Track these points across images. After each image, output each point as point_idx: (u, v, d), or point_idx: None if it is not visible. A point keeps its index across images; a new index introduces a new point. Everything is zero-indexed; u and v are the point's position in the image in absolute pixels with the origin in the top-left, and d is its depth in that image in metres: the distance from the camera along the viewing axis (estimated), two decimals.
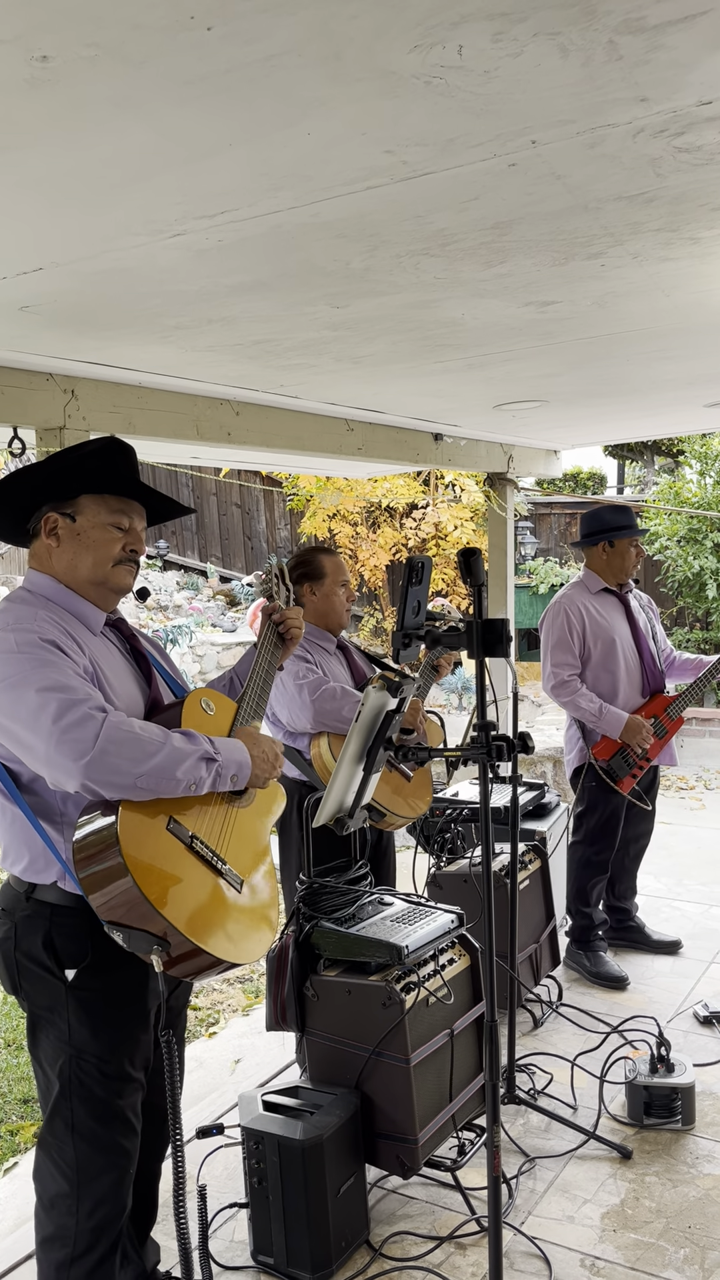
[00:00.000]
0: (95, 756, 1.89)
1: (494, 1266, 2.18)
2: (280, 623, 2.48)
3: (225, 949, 2.00)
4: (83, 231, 1.92)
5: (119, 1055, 2.12)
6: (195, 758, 2.01)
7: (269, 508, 13.90)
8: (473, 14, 1.22)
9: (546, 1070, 3.47)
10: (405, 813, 3.42)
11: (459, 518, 10.95)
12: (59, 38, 1.23)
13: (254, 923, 2.13)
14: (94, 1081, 2.10)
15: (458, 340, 3.01)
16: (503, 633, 2.15)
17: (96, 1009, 2.09)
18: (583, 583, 4.31)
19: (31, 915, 2.09)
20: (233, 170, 1.66)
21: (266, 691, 2.39)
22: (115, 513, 2.19)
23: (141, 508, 2.26)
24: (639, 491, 14.97)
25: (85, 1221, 2.12)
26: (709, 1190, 2.85)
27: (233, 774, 2.10)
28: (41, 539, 2.19)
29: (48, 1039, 2.13)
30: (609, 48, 1.32)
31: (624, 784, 4.16)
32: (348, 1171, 2.61)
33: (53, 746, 1.90)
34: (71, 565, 2.17)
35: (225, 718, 2.28)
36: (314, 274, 2.26)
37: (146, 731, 1.97)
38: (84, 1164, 2.11)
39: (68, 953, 2.07)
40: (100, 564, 2.17)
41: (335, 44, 1.28)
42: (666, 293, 2.58)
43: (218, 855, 2.09)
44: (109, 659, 2.19)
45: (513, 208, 1.90)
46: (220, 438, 3.75)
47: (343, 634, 3.74)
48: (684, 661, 4.42)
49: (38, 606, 2.11)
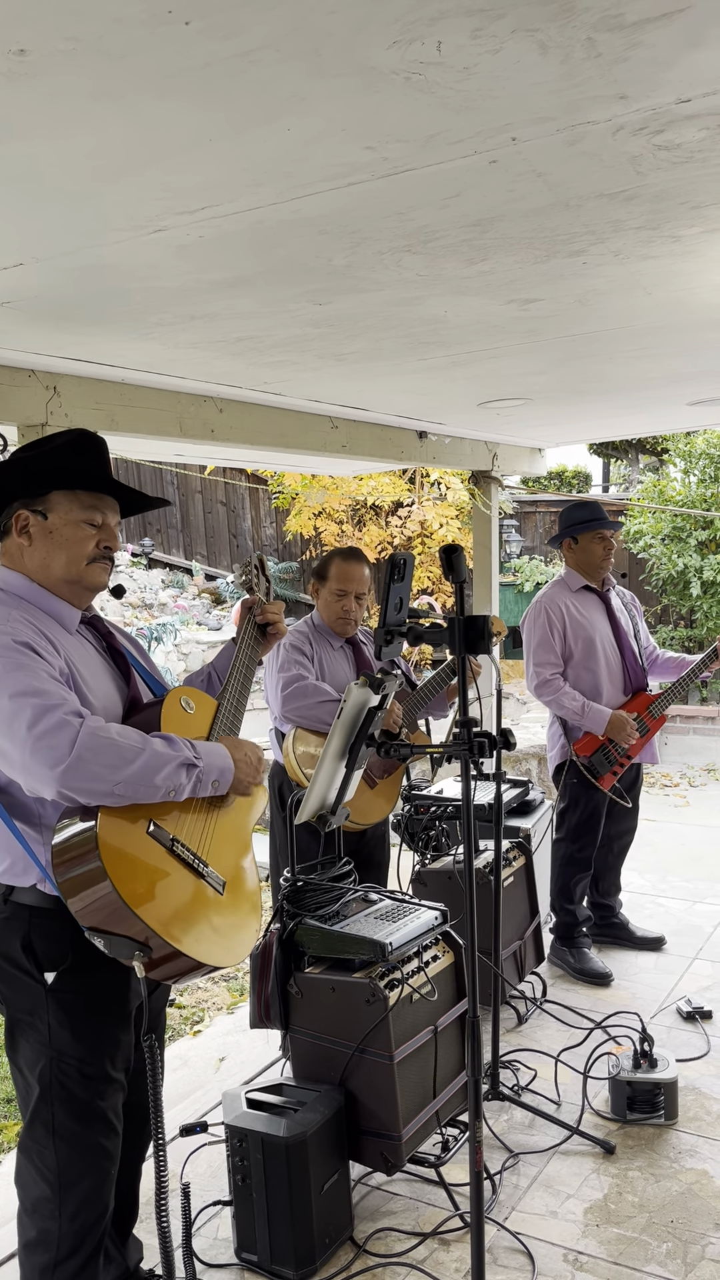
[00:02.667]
0: (71, 764, 1.85)
1: (477, 1262, 2.18)
2: (259, 615, 2.46)
3: (207, 953, 1.99)
4: (63, 226, 1.91)
5: (100, 1057, 2.11)
6: (175, 764, 1.98)
7: (254, 506, 13.88)
8: (451, 10, 1.22)
9: (530, 1066, 3.48)
10: (357, 819, 3.43)
11: (444, 516, 10.96)
12: (37, 31, 1.22)
13: (236, 925, 2.12)
14: (75, 1084, 2.08)
15: (441, 338, 3.01)
16: (485, 629, 2.15)
17: (77, 1011, 2.07)
18: (563, 581, 4.33)
19: (10, 918, 2.07)
20: (213, 166, 1.65)
21: (247, 687, 2.38)
22: (88, 509, 2.14)
23: (115, 502, 2.22)
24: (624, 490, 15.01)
25: (68, 1225, 2.11)
26: (691, 1185, 2.86)
27: (214, 779, 2.08)
28: (13, 537, 2.14)
29: (27, 1042, 2.10)
30: (588, 45, 1.32)
31: (605, 781, 4.17)
32: (331, 1168, 2.61)
33: (28, 753, 1.87)
34: (44, 564, 2.13)
35: (206, 716, 2.26)
36: (296, 270, 2.25)
37: (125, 737, 1.93)
38: (65, 1167, 2.10)
39: (47, 956, 2.05)
40: (74, 562, 2.13)
41: (314, 39, 1.27)
42: (648, 291, 2.58)
43: (199, 858, 2.07)
44: (85, 658, 2.16)
45: (494, 205, 1.90)
46: (204, 435, 3.74)
47: (362, 629, 3.75)
48: (667, 660, 4.44)
49: (10, 606, 2.07)
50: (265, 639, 2.48)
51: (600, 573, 4.29)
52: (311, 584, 3.69)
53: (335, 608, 3.60)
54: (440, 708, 3.79)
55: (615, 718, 4.08)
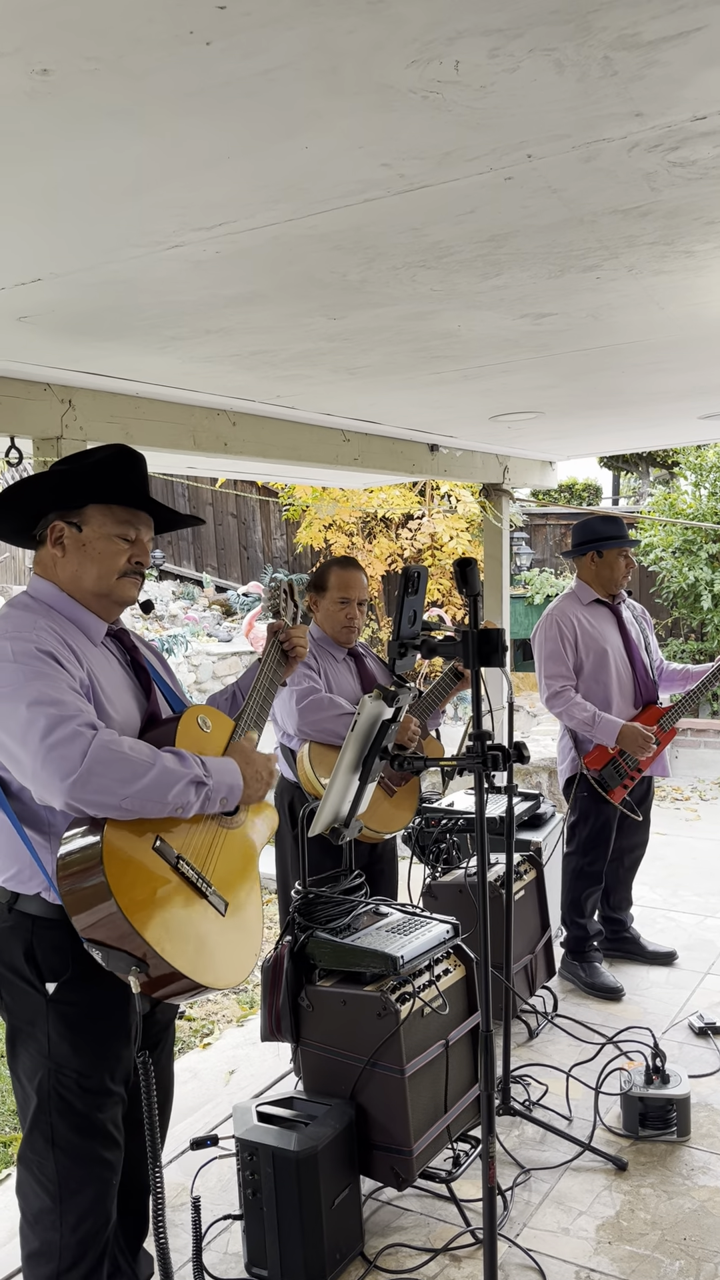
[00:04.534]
0: (81, 775, 1.86)
1: (489, 1279, 2.17)
2: (285, 640, 2.47)
3: (205, 974, 1.98)
4: (82, 243, 1.93)
5: (99, 1070, 2.10)
6: (185, 781, 1.98)
7: (265, 518, 13.91)
8: (469, 30, 1.23)
9: (542, 1081, 3.47)
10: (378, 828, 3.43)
11: (455, 528, 10.96)
12: (60, 51, 1.24)
13: (236, 947, 2.11)
14: (74, 1096, 2.08)
15: (454, 352, 3.02)
16: (498, 642, 2.16)
17: (77, 1023, 2.07)
18: (574, 594, 4.33)
19: (13, 927, 2.07)
20: (231, 182, 1.67)
21: (266, 708, 2.38)
22: (122, 523, 2.16)
23: (149, 518, 2.23)
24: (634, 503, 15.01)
25: (70, 1235, 2.10)
26: (704, 1202, 2.84)
27: (223, 796, 2.08)
28: (47, 547, 2.16)
29: (27, 1052, 2.10)
30: (604, 63, 1.33)
31: (615, 794, 4.16)
32: (342, 1183, 2.60)
33: (40, 763, 1.88)
34: (76, 575, 2.15)
35: (222, 735, 2.26)
36: (311, 285, 2.27)
37: (136, 751, 1.94)
38: (65, 1178, 2.09)
39: (49, 966, 2.05)
40: (105, 576, 2.15)
41: (333, 59, 1.29)
42: (661, 305, 2.59)
43: (203, 877, 2.07)
44: (107, 670, 2.17)
45: (509, 220, 1.91)
46: (217, 448, 3.76)
47: (360, 643, 3.74)
48: (671, 672, 4.43)
49: (38, 614, 2.09)
50: (288, 663, 2.49)
51: (618, 587, 4.30)
52: (309, 597, 3.63)
53: (338, 616, 3.58)
54: (435, 718, 3.79)
55: (627, 729, 4.07)
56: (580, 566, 4.34)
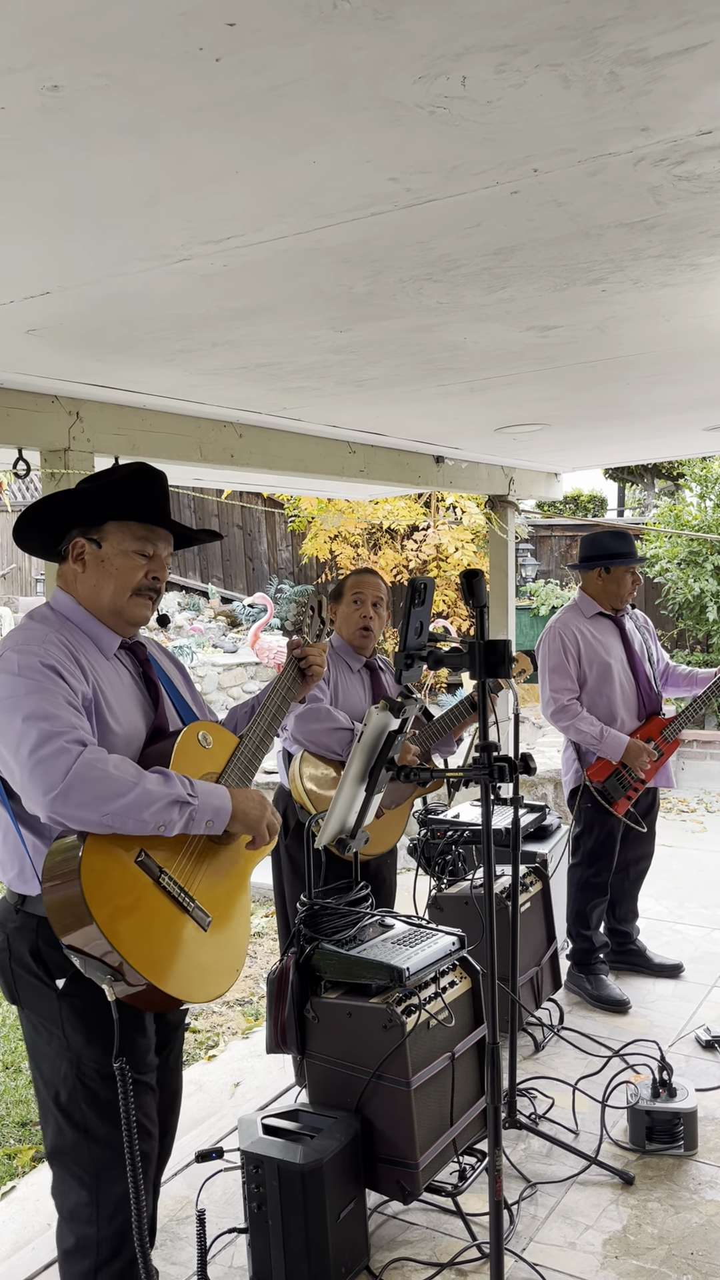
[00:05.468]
0: (62, 791, 1.91)
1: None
2: (301, 658, 2.49)
3: (182, 988, 2.01)
4: (90, 256, 1.94)
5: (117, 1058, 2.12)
6: (165, 801, 2.00)
7: (270, 529, 13.94)
8: (476, 46, 1.24)
9: (548, 1094, 3.45)
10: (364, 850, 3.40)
11: (460, 539, 10.98)
12: (70, 67, 1.25)
13: (217, 962, 2.13)
14: (98, 1085, 2.11)
15: (459, 364, 3.03)
16: (504, 654, 2.16)
17: (89, 1015, 2.09)
18: (577, 606, 4.33)
19: (21, 926, 2.12)
20: (239, 196, 1.68)
21: (274, 727, 2.39)
22: (140, 539, 2.22)
23: (168, 534, 2.29)
24: (639, 514, 15.02)
25: (106, 1227, 2.11)
26: (712, 1216, 2.83)
27: (208, 819, 2.09)
28: (69, 562, 2.24)
29: (49, 1047, 2.14)
30: (610, 79, 1.34)
31: (619, 805, 4.15)
32: (348, 1196, 2.59)
33: (27, 775, 1.94)
34: (95, 591, 2.21)
35: (223, 753, 2.27)
36: (318, 298, 2.28)
37: (120, 770, 1.98)
38: (101, 1167, 2.11)
39: (55, 963, 2.09)
40: (120, 592, 2.21)
41: (341, 74, 1.30)
42: (667, 318, 2.60)
43: (186, 892, 2.09)
44: (116, 683, 2.21)
45: (515, 234, 1.93)
46: (223, 460, 3.77)
47: (379, 658, 3.75)
48: (678, 675, 4.43)
49: (52, 627, 2.15)
50: (304, 680, 2.50)
51: (623, 604, 4.30)
52: (329, 607, 3.68)
53: (354, 617, 3.60)
54: (448, 745, 3.78)
55: (632, 745, 4.06)
56: (586, 580, 4.34)
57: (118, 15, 1.14)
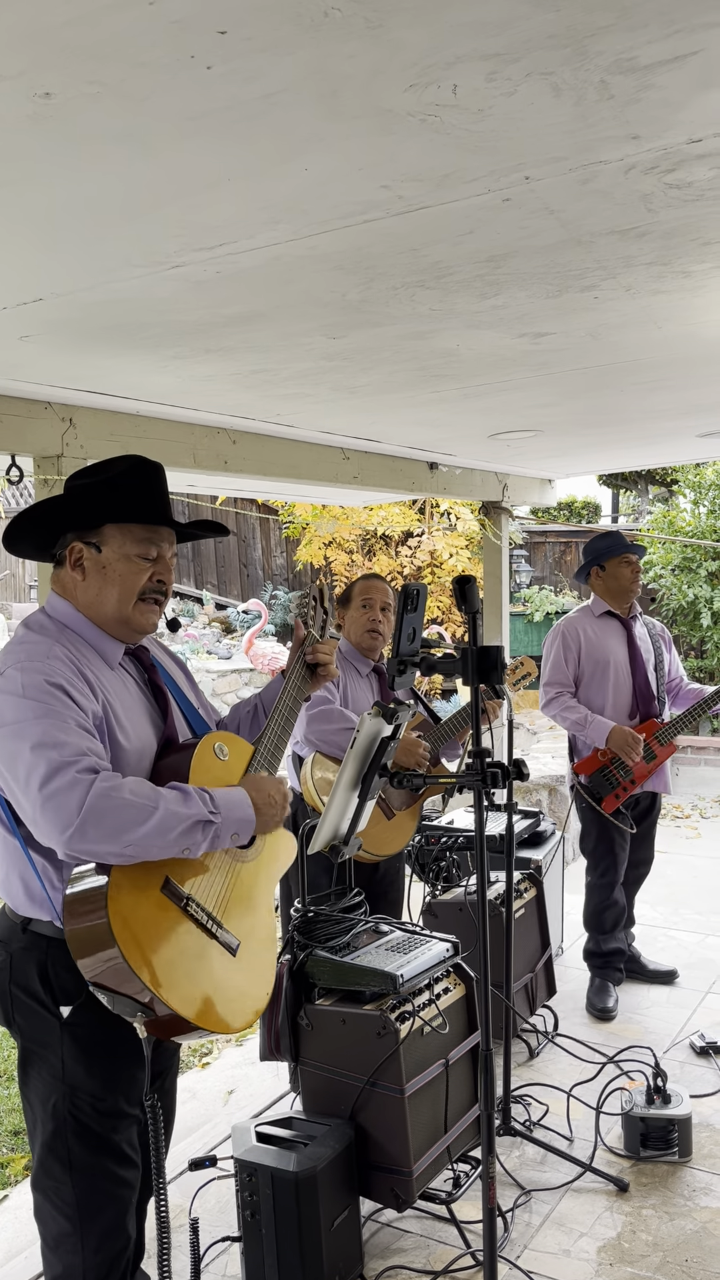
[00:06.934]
0: (78, 828, 1.80)
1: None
2: (310, 654, 2.37)
3: (211, 1019, 1.93)
4: (83, 263, 1.94)
5: (114, 1093, 2.06)
6: (189, 823, 1.90)
7: (265, 535, 13.93)
8: (467, 54, 1.25)
9: (542, 1101, 3.45)
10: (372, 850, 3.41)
11: (454, 546, 10.98)
12: (62, 75, 1.25)
13: (245, 990, 2.05)
14: (89, 1119, 2.04)
15: (453, 371, 3.03)
16: (498, 660, 2.16)
17: (91, 1047, 2.03)
18: (588, 607, 4.42)
19: (27, 947, 2.03)
20: (231, 204, 1.68)
21: (288, 729, 2.29)
22: (141, 542, 2.08)
23: (170, 532, 2.14)
24: (633, 520, 15.04)
25: (92, 1257, 2.06)
26: (706, 1223, 2.82)
27: (233, 832, 2.00)
28: (67, 569, 2.09)
29: (39, 1075, 2.06)
30: (601, 87, 1.35)
31: (606, 803, 4.16)
32: (342, 1204, 2.58)
33: (39, 811, 1.83)
34: (97, 600, 2.08)
35: (240, 763, 2.17)
36: (311, 305, 2.28)
37: (137, 795, 1.87)
38: (84, 1201, 2.05)
39: (63, 988, 2.01)
40: (125, 599, 2.07)
41: (332, 83, 1.30)
42: (659, 325, 2.61)
43: (213, 918, 2.01)
44: (123, 695, 2.10)
45: (507, 241, 1.93)
46: (217, 466, 3.77)
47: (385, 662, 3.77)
48: (688, 691, 4.46)
49: (53, 638, 2.02)
50: (314, 678, 2.39)
51: (629, 596, 4.33)
52: (337, 612, 3.75)
53: (362, 620, 3.66)
54: (454, 749, 3.79)
55: (616, 731, 4.08)
56: (592, 584, 4.41)
57: (109, 23, 1.15)
